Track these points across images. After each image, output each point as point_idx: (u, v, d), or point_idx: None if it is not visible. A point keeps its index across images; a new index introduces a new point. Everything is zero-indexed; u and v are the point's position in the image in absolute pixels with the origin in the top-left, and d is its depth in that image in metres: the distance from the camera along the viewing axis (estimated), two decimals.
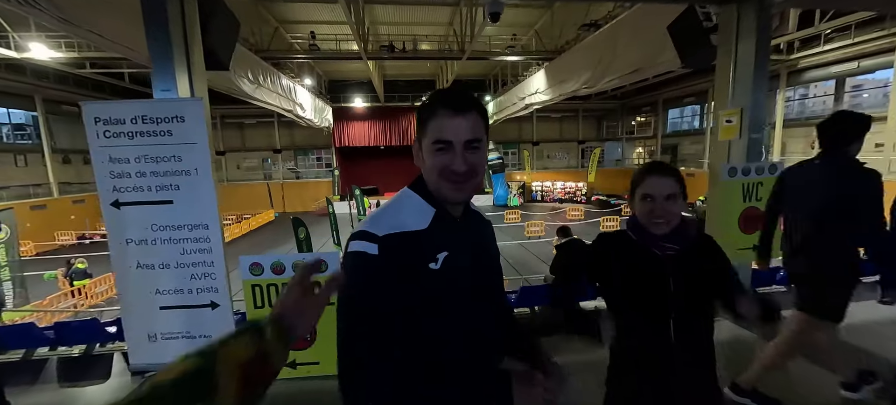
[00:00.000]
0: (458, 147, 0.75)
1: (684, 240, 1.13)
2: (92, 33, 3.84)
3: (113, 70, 14.62)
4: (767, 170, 2.97)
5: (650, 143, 23.27)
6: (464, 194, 0.79)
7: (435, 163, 0.76)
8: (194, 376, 0.46)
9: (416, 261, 0.75)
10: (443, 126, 0.75)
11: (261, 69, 10.00)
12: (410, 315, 0.74)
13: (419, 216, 0.79)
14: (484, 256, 0.89)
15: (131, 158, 2.34)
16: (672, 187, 1.10)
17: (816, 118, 14.51)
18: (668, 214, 1.10)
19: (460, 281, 0.79)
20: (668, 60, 5.45)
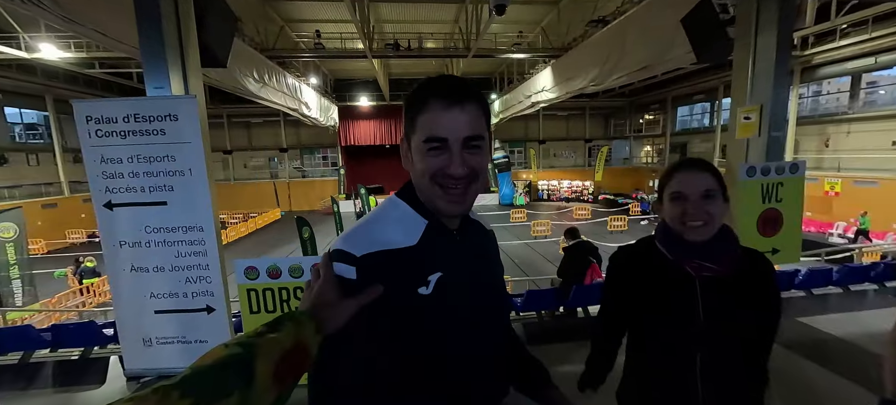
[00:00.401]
0: (454, 146, 0.61)
1: (726, 259, 0.90)
2: (96, 32, 3.81)
3: (121, 70, 14.74)
4: (788, 169, 2.81)
5: (659, 141, 22.91)
6: (462, 206, 0.65)
7: (427, 166, 0.62)
8: (233, 364, 0.46)
9: (402, 286, 0.62)
10: (436, 121, 0.61)
11: (266, 68, 9.98)
12: (395, 350, 0.62)
13: (407, 229, 0.65)
14: (485, 275, 0.74)
15: (124, 158, 2.27)
16: (709, 183, 0.89)
17: (831, 116, 14.15)
18: (705, 216, 0.88)
19: (456, 307, 0.66)
20: (679, 57, 5.30)
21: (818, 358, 2.59)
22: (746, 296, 0.91)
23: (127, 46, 4.32)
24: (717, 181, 0.90)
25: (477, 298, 0.69)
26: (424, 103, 0.62)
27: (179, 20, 2.45)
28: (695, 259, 0.91)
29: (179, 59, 2.46)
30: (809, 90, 15.05)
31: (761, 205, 2.84)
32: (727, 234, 0.92)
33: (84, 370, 2.70)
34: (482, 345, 0.70)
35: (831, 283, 3.79)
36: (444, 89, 0.62)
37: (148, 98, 2.33)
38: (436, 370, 0.65)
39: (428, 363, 0.64)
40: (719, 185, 0.91)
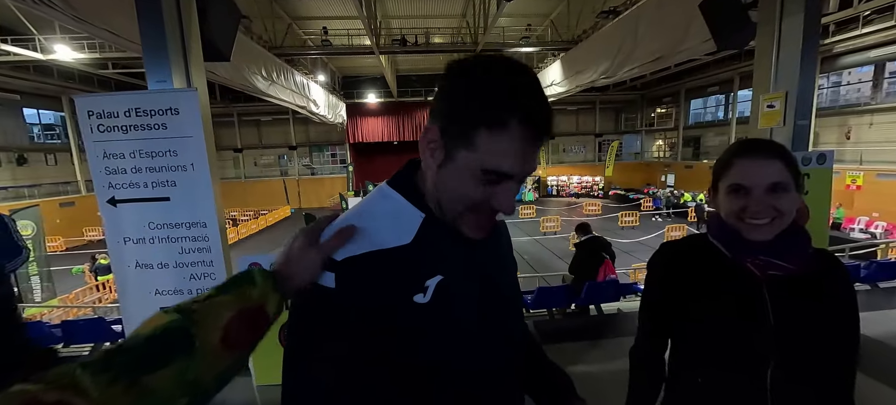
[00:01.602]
0: (513, 183, 0.51)
1: (797, 256, 0.74)
2: (107, 31, 3.82)
3: (133, 70, 14.98)
4: (816, 160, 2.66)
5: (671, 135, 22.46)
6: (486, 233, 0.55)
7: (472, 193, 0.50)
8: (169, 332, 0.45)
9: (394, 295, 0.51)
10: (512, 155, 0.48)
11: (274, 66, 10.00)
12: (388, 374, 0.52)
13: (399, 225, 0.54)
14: (496, 274, 0.62)
15: (126, 154, 2.24)
16: (778, 173, 0.71)
17: (852, 106, 13.65)
18: (772, 213, 0.71)
19: (461, 315, 0.55)
20: (693, 47, 5.12)
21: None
22: (825, 302, 0.75)
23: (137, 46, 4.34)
24: (790, 169, 0.73)
25: (486, 303, 0.58)
26: (503, 122, 0.47)
27: (181, 13, 2.41)
28: (759, 256, 0.74)
29: (181, 53, 2.42)
30: (829, 80, 14.54)
31: None
32: (798, 228, 0.75)
33: None
34: (492, 357, 0.59)
35: (859, 280, 3.62)
36: (537, 114, 0.48)
37: (149, 92, 2.30)
38: (437, 390, 0.54)
39: (427, 382, 0.53)
40: (792, 174, 0.73)
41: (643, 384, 0.92)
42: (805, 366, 0.75)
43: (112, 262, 2.40)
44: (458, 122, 0.49)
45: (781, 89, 2.73)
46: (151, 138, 2.21)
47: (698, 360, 0.83)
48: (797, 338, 0.74)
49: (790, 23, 2.66)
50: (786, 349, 0.74)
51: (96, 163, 2.25)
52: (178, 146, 2.22)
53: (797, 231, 0.75)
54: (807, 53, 2.63)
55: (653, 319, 0.90)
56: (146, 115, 2.18)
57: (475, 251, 0.58)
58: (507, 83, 0.48)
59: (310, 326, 0.52)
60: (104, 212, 2.32)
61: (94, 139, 2.22)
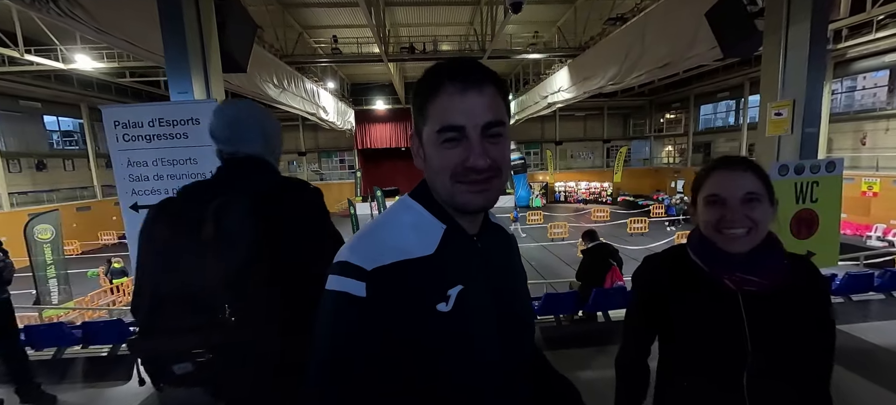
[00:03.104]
0: (473, 133, 0.53)
1: (772, 271, 0.78)
2: (126, 42, 3.98)
3: (150, 78, 15.40)
4: (824, 167, 2.66)
5: (680, 140, 22.25)
6: (487, 198, 0.56)
7: (444, 160, 0.54)
8: None
9: (419, 304, 0.53)
10: (451, 107, 0.53)
11: (285, 74, 10.22)
12: (414, 378, 0.55)
13: (423, 236, 0.56)
14: (509, 285, 0.65)
15: (149, 161, 2.33)
16: (752, 184, 0.76)
17: (868, 112, 13.41)
18: (747, 223, 0.75)
19: (480, 323, 0.57)
20: (701, 53, 5.12)
21: (861, 369, 2.42)
22: (799, 312, 0.79)
23: (155, 55, 4.51)
24: (763, 182, 0.78)
25: (501, 312, 0.61)
26: (437, 88, 0.54)
27: (201, 28, 2.52)
28: (735, 272, 0.78)
29: (202, 65, 2.53)
30: (843, 85, 14.32)
31: (795, 205, 2.69)
32: (773, 242, 0.79)
33: (112, 367, 2.80)
34: (507, 365, 0.61)
35: (872, 289, 3.56)
36: (460, 71, 0.54)
37: (171, 103, 2.40)
38: (458, 392, 0.57)
39: (447, 385, 0.56)
40: (765, 186, 0.78)
41: (628, 391, 0.96)
42: (778, 373, 0.80)
43: (132, 265, 2.49)
44: (417, 110, 0.58)
45: (789, 97, 2.74)
46: (173, 147, 2.31)
47: (681, 367, 0.87)
48: (770, 349, 0.79)
49: (796, 31, 2.67)
50: (759, 359, 0.78)
51: (121, 170, 2.35)
52: (198, 154, 2.32)
53: (771, 246, 0.79)
54: (814, 61, 2.64)
55: (636, 329, 0.94)
56: (169, 124, 2.28)
57: (490, 262, 0.62)
58: (436, 65, 0.57)
59: (344, 333, 0.53)
60: (127, 217, 2.41)
61: (120, 147, 2.32)
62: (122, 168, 2.35)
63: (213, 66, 2.60)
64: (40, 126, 16.45)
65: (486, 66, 0.57)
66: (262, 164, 1.01)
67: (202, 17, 2.51)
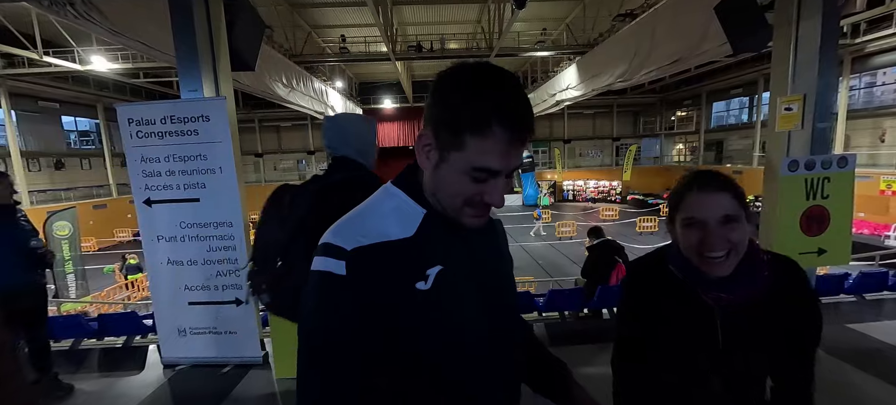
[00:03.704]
0: (502, 177, 0.56)
1: (748, 285, 0.78)
2: (140, 43, 4.08)
3: (163, 79, 15.71)
4: (836, 163, 2.61)
5: (692, 138, 21.90)
6: (484, 221, 0.61)
7: (464, 189, 0.57)
8: None
9: (398, 282, 0.57)
10: (496, 153, 0.54)
11: (294, 73, 10.32)
12: (392, 352, 0.57)
13: (403, 220, 0.59)
14: (491, 265, 0.68)
15: (161, 158, 2.40)
16: (728, 205, 0.75)
17: (888, 108, 13.02)
18: (727, 245, 0.75)
19: (459, 302, 0.60)
20: (712, 49, 5.03)
21: (872, 368, 2.38)
22: (776, 318, 0.80)
23: (167, 56, 4.61)
24: (739, 201, 0.77)
25: (482, 293, 0.63)
26: (485, 128, 0.52)
27: (211, 27, 2.57)
28: (713, 291, 0.79)
29: (211, 64, 2.59)
30: (862, 81, 13.92)
31: (805, 201, 2.64)
32: (752, 256, 0.79)
33: (126, 357, 2.89)
34: (490, 344, 0.64)
35: (887, 288, 3.48)
36: (516, 118, 0.53)
37: (182, 100, 2.46)
38: (438, 371, 0.60)
39: (429, 364, 0.59)
40: (741, 205, 0.77)
41: (624, 388, 0.98)
42: (748, 380, 0.82)
43: (146, 259, 2.57)
44: (449, 127, 0.55)
45: (799, 92, 2.69)
46: (184, 143, 2.38)
47: (662, 367, 0.88)
48: (742, 355, 0.80)
49: (807, 25, 2.62)
50: (729, 370, 0.81)
51: (134, 166, 2.43)
52: (207, 150, 2.38)
53: (751, 260, 0.79)
54: (825, 55, 2.58)
55: (625, 335, 0.96)
56: (180, 121, 2.35)
57: (472, 245, 0.64)
58: (491, 92, 0.53)
59: (325, 308, 0.56)
60: (140, 211, 2.49)
61: (133, 144, 2.39)
62: (136, 164, 2.42)
63: (222, 65, 2.66)
64: (58, 126, 16.91)
65: (531, 107, 0.56)
66: (349, 162, 1.33)
67: (212, 17, 2.56)
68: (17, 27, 11.03)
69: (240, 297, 2.52)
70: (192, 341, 2.60)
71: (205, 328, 2.57)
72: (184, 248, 2.51)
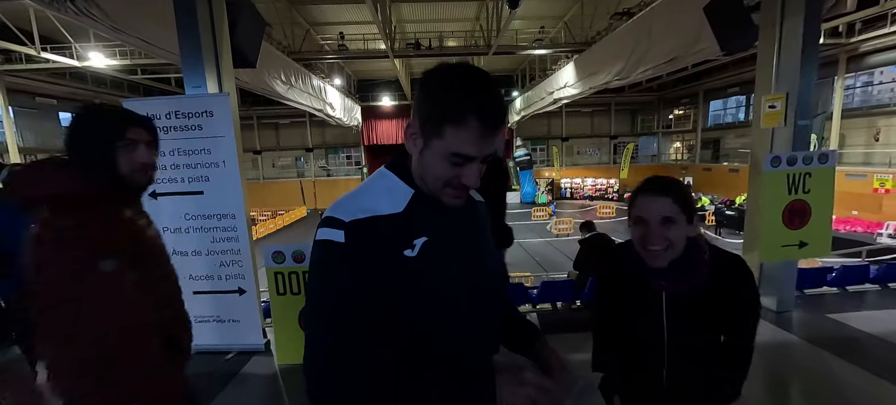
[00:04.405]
0: (476, 163, 0.65)
1: (688, 277, 0.93)
2: (140, 40, 4.14)
3: (161, 75, 15.71)
4: (817, 159, 2.71)
5: (689, 136, 22.02)
6: (462, 201, 0.70)
7: (444, 171, 0.66)
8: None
9: (388, 249, 0.66)
10: (472, 142, 0.63)
11: (293, 70, 10.37)
12: (383, 308, 0.66)
13: (394, 198, 0.69)
14: (472, 240, 0.78)
15: (166, 152, 2.48)
16: (668, 208, 0.89)
17: (884, 107, 13.14)
18: (664, 242, 0.89)
19: (442, 269, 0.70)
20: (708, 47, 5.11)
21: (849, 355, 2.49)
22: (715, 308, 0.93)
23: (168, 53, 4.66)
24: (679, 205, 0.90)
25: (463, 261, 0.73)
26: (462, 119, 0.61)
27: (214, 26, 2.65)
28: (658, 280, 0.95)
29: (214, 61, 2.66)
30: (858, 81, 14.04)
31: (787, 196, 2.74)
32: (693, 252, 0.93)
33: None
34: (469, 304, 0.73)
35: (869, 281, 3.59)
36: (488, 113, 0.62)
37: (186, 97, 2.54)
38: (424, 328, 0.69)
39: (417, 321, 0.68)
40: (682, 208, 0.90)
41: (602, 356, 1.15)
42: (692, 360, 0.98)
43: None
44: (432, 118, 0.64)
45: (782, 90, 2.79)
46: (189, 138, 2.46)
47: (622, 347, 1.07)
48: (684, 337, 0.97)
49: (790, 24, 2.71)
50: (675, 352, 0.98)
51: None
52: (211, 145, 2.46)
53: (692, 254, 0.93)
54: (807, 55, 2.68)
55: (599, 313, 1.15)
56: (184, 117, 2.43)
57: (454, 220, 0.74)
58: (468, 90, 0.62)
59: (327, 268, 0.66)
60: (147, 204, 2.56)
61: None
62: None
63: (224, 62, 2.73)
64: (56, 123, 16.89)
65: (504, 103, 0.65)
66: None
67: (215, 16, 2.64)
68: (15, 23, 11.03)
69: (242, 287, 2.61)
70: (197, 329, 2.64)
71: (209, 316, 2.66)
72: (188, 239, 2.59)
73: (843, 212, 12.63)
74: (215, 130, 2.45)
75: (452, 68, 0.66)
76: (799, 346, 2.66)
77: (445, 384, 0.65)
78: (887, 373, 2.26)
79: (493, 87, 0.65)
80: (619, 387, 1.11)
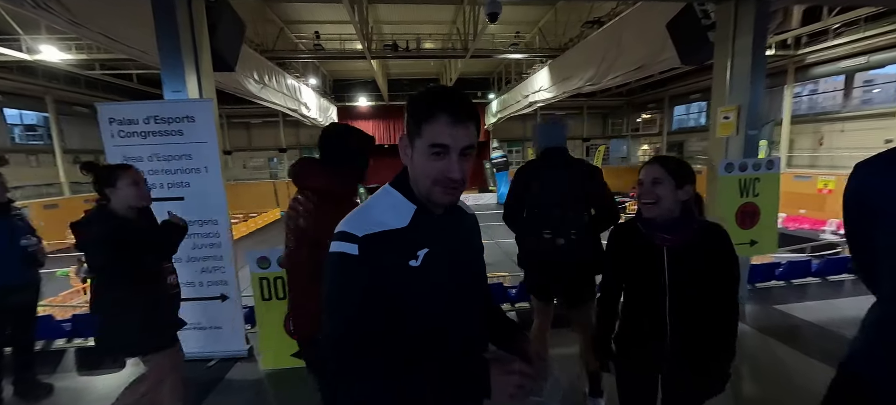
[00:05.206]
0: (454, 153, 0.74)
1: (681, 231, 1.20)
2: (102, 36, 3.96)
3: (121, 71, 14.88)
4: (765, 165, 2.99)
5: (656, 140, 23.11)
6: (453, 198, 0.79)
7: (429, 169, 0.75)
8: None
9: (396, 260, 0.75)
10: (443, 132, 0.73)
11: (266, 69, 10.12)
12: (393, 313, 0.75)
13: (399, 214, 0.78)
14: (466, 250, 0.89)
15: (144, 157, 2.44)
16: (657, 173, 1.20)
17: (826, 114, 14.34)
18: (653, 197, 1.20)
19: (441, 276, 0.80)
20: (672, 57, 5.45)
21: (791, 341, 2.78)
22: (703, 258, 1.20)
23: (131, 49, 4.48)
24: (667, 171, 1.20)
25: (458, 268, 0.84)
26: (432, 115, 0.73)
27: (194, 29, 2.61)
28: (658, 233, 1.22)
29: (194, 65, 2.63)
30: (805, 89, 15.23)
31: (739, 198, 3.02)
32: (686, 213, 1.22)
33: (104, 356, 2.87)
34: (464, 307, 0.85)
35: (810, 274, 3.98)
36: (452, 108, 0.74)
37: (167, 101, 2.50)
38: (425, 324, 0.79)
39: (419, 321, 0.78)
40: (669, 173, 1.20)
41: (604, 317, 1.41)
42: (688, 298, 1.22)
43: None
44: (412, 124, 0.76)
45: (735, 103, 3.06)
46: (168, 143, 2.42)
47: (628, 299, 1.34)
48: (681, 285, 1.21)
49: (741, 43, 2.99)
50: (673, 291, 1.22)
51: None
52: (193, 150, 2.44)
53: (684, 216, 1.22)
54: (755, 70, 2.96)
55: (609, 276, 1.41)
56: (164, 121, 2.39)
57: (450, 233, 0.84)
58: (436, 93, 0.76)
59: (345, 280, 0.75)
60: None
61: (115, 143, 2.41)
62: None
63: (204, 66, 2.70)
64: (0, 119, 15.63)
65: (472, 105, 0.76)
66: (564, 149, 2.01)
67: (195, 19, 2.60)
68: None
69: (225, 293, 2.59)
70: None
71: (191, 324, 2.61)
72: None
73: (793, 210, 13.69)
74: (197, 136, 2.43)
75: (427, 88, 0.78)
76: (751, 335, 2.94)
77: (446, 374, 0.75)
78: (823, 357, 2.55)
79: (459, 91, 0.78)
80: (612, 351, 1.37)
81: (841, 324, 2.96)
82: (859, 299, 3.46)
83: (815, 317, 3.09)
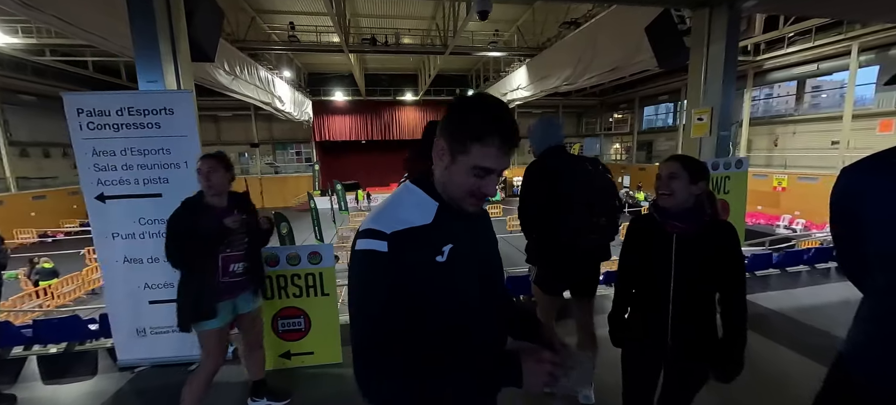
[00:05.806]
0: (495, 176, 0.77)
1: (692, 222, 1.29)
2: (57, 19, 3.67)
3: (75, 58, 13.85)
4: (734, 164, 3.19)
5: (627, 139, 23.99)
6: (481, 207, 0.83)
7: (468, 183, 0.77)
8: None
9: (423, 256, 0.77)
10: (493, 158, 0.75)
11: (238, 60, 9.71)
12: (414, 311, 0.76)
13: (423, 211, 0.80)
14: (485, 245, 0.92)
15: (117, 151, 2.29)
16: (674, 168, 1.32)
17: (780, 117, 15.39)
18: (668, 188, 1.31)
19: (466, 271, 0.82)
20: (645, 60, 5.68)
21: (758, 328, 2.98)
22: (710, 250, 1.29)
23: (92, 35, 4.18)
24: (683, 167, 1.31)
25: (479, 263, 0.87)
26: (486, 137, 0.74)
27: (170, 16, 2.47)
28: (670, 221, 1.32)
29: (171, 54, 2.49)
30: (762, 93, 16.26)
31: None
32: (698, 206, 1.31)
33: (71, 363, 2.68)
34: (485, 298, 0.87)
35: (772, 266, 4.29)
36: (506, 135, 0.75)
37: (142, 92, 2.35)
38: (451, 318, 0.80)
39: (442, 317, 0.79)
40: (685, 170, 1.30)
41: (620, 299, 1.52)
42: (692, 285, 1.31)
43: (99, 258, 2.42)
44: (459, 138, 0.76)
45: (708, 105, 3.24)
46: (144, 136, 2.29)
47: (638, 283, 1.46)
48: (687, 273, 1.31)
49: (715, 49, 3.16)
50: (679, 276, 1.31)
51: (84, 159, 2.28)
52: (171, 144, 2.31)
53: (697, 207, 1.31)
54: (727, 75, 3.14)
55: (625, 260, 1.50)
56: (139, 114, 2.25)
57: (472, 229, 0.86)
58: (491, 113, 0.76)
59: (371, 277, 0.75)
60: (91, 208, 2.35)
61: (84, 136, 2.25)
62: (87, 158, 2.28)
63: (182, 56, 2.56)
64: None
65: (516, 125, 0.77)
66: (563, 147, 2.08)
67: (172, 6, 2.46)
68: None
69: None
70: (154, 341, 2.51)
71: (168, 327, 2.49)
72: (143, 246, 2.41)
73: (750, 207, 14.62)
74: (176, 129, 2.30)
75: (481, 96, 0.78)
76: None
77: (479, 366, 0.76)
78: (786, 342, 2.75)
79: (509, 112, 0.79)
80: (626, 333, 1.47)
81: (801, 312, 3.21)
82: (816, 288, 3.77)
83: (779, 305, 3.33)
